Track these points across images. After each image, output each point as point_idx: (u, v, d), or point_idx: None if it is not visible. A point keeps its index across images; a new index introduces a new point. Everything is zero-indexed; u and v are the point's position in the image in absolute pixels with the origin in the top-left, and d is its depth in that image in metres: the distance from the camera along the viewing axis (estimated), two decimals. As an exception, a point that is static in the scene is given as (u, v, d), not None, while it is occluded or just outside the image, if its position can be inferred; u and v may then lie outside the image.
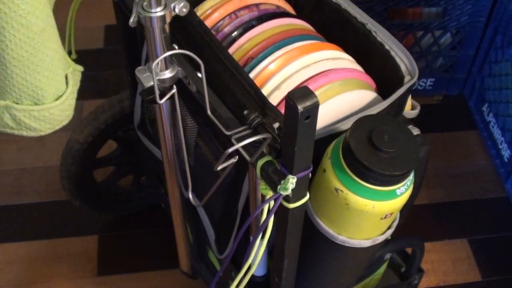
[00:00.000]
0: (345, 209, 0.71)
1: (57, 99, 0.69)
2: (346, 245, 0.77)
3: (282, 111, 0.73)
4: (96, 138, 1.20)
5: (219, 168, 0.71)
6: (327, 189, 0.72)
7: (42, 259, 1.40)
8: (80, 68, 0.75)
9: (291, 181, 0.64)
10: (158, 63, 0.77)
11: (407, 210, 0.81)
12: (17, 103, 0.67)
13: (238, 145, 0.68)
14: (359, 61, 0.86)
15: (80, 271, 1.38)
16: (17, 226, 1.46)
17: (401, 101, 0.81)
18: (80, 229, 1.45)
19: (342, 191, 0.70)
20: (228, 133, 0.71)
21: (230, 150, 0.67)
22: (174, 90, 0.79)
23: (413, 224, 1.45)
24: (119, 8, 0.98)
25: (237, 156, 0.72)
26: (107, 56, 1.82)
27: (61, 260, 1.40)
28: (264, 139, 0.68)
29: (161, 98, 0.78)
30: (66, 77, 0.71)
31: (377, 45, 0.84)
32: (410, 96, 0.85)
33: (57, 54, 0.66)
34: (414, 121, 0.86)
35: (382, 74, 0.84)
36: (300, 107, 0.57)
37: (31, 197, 1.51)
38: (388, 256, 1.02)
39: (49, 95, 0.68)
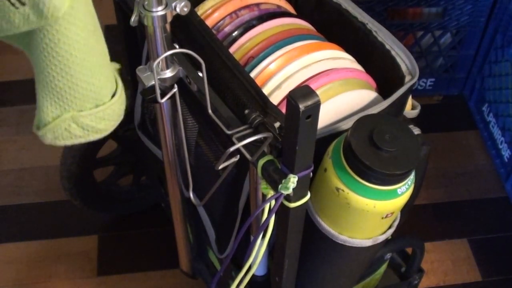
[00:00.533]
0: (346, 208, 0.71)
1: (113, 96, 0.72)
2: (347, 244, 0.77)
3: (283, 110, 0.73)
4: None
5: (220, 167, 0.71)
6: (328, 188, 0.72)
7: (42, 259, 1.40)
8: (118, 65, 0.76)
9: (292, 180, 0.64)
10: (159, 62, 0.77)
11: (408, 210, 0.81)
12: (81, 110, 0.69)
13: (239, 144, 0.68)
14: (359, 61, 0.86)
15: (80, 271, 1.38)
16: (17, 226, 1.46)
17: (402, 100, 0.81)
18: (80, 229, 1.45)
19: (343, 190, 0.70)
20: (229, 132, 0.71)
21: (232, 149, 0.67)
22: (175, 89, 0.79)
23: (413, 224, 1.45)
24: (119, 8, 0.98)
25: (239, 155, 0.72)
26: (107, 56, 1.82)
27: (61, 260, 1.40)
28: (265, 138, 0.68)
29: (162, 97, 0.78)
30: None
31: (378, 45, 0.84)
32: (410, 96, 0.85)
33: (106, 51, 0.68)
34: (415, 121, 0.86)
35: (383, 73, 0.84)
36: (301, 106, 0.57)
37: (31, 197, 1.51)
38: (388, 256, 1.02)
39: (108, 92, 0.70)
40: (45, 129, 0.71)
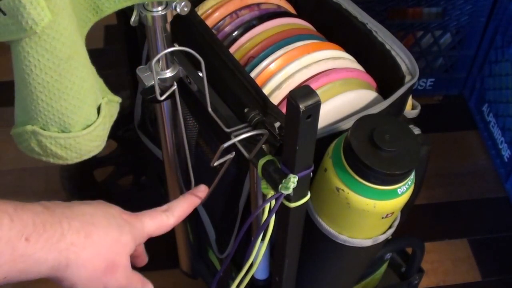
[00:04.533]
0: (346, 208, 0.71)
1: (85, 129, 0.67)
2: (347, 244, 0.77)
3: (283, 110, 0.73)
4: (96, 138, 1.20)
5: (216, 163, 0.71)
6: (328, 188, 0.72)
7: (42, 259, 1.40)
8: (117, 99, 0.73)
9: (293, 180, 0.64)
10: (159, 62, 0.77)
11: (408, 210, 0.81)
12: (44, 129, 0.65)
13: (234, 140, 0.68)
14: (359, 61, 0.86)
15: (80, 271, 1.38)
16: (17, 226, 1.46)
17: (402, 100, 0.81)
18: (80, 229, 1.45)
19: (343, 190, 0.70)
20: (228, 130, 0.71)
21: (226, 144, 0.67)
22: (175, 87, 0.78)
23: (413, 224, 1.45)
24: (119, 8, 0.98)
25: (234, 152, 0.72)
26: (107, 56, 1.82)
27: (61, 260, 1.40)
28: (261, 135, 0.68)
29: (161, 96, 0.78)
30: (99, 107, 0.69)
31: (378, 44, 0.84)
32: (410, 96, 0.85)
33: (86, 83, 0.64)
34: (415, 121, 0.86)
35: (383, 73, 0.84)
36: (301, 106, 0.56)
37: (31, 197, 1.51)
38: (388, 256, 1.02)
39: (77, 123, 0.66)
40: (13, 131, 0.69)
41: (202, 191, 0.70)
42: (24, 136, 0.67)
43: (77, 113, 0.65)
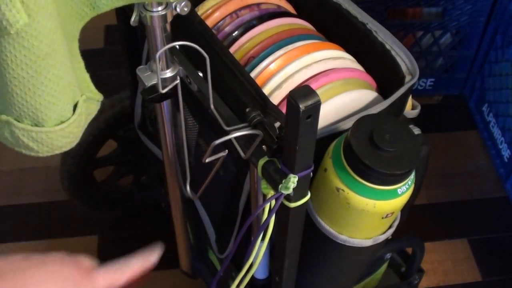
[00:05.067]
0: (346, 208, 0.71)
1: (58, 125, 0.67)
2: (347, 244, 0.77)
3: (283, 110, 0.73)
4: (96, 138, 1.20)
5: (207, 160, 0.71)
6: (328, 188, 0.72)
7: (42, 259, 1.40)
8: (98, 97, 0.73)
9: (293, 180, 0.64)
10: (159, 61, 0.77)
11: (408, 210, 0.81)
12: (18, 121, 0.65)
13: (226, 137, 0.68)
14: (359, 61, 0.86)
15: (80, 271, 1.38)
16: (16, 226, 1.46)
17: (402, 100, 0.81)
18: (80, 229, 1.45)
19: (343, 190, 0.70)
20: (227, 128, 0.71)
21: (218, 141, 0.67)
22: (178, 81, 0.78)
23: (413, 224, 1.45)
24: (119, 8, 0.98)
25: (227, 150, 0.72)
26: (107, 56, 1.82)
27: (61, 260, 1.40)
28: (255, 135, 0.68)
29: (163, 96, 0.78)
30: (76, 105, 0.69)
31: (378, 44, 0.84)
32: (410, 96, 0.85)
33: (63, 80, 0.64)
34: (415, 121, 0.86)
35: (383, 73, 0.84)
36: (302, 106, 0.57)
37: (30, 197, 1.51)
38: (388, 256, 1.02)
39: (50, 119, 0.66)
40: None
41: (155, 254, 0.66)
42: None
43: (51, 109, 0.65)
